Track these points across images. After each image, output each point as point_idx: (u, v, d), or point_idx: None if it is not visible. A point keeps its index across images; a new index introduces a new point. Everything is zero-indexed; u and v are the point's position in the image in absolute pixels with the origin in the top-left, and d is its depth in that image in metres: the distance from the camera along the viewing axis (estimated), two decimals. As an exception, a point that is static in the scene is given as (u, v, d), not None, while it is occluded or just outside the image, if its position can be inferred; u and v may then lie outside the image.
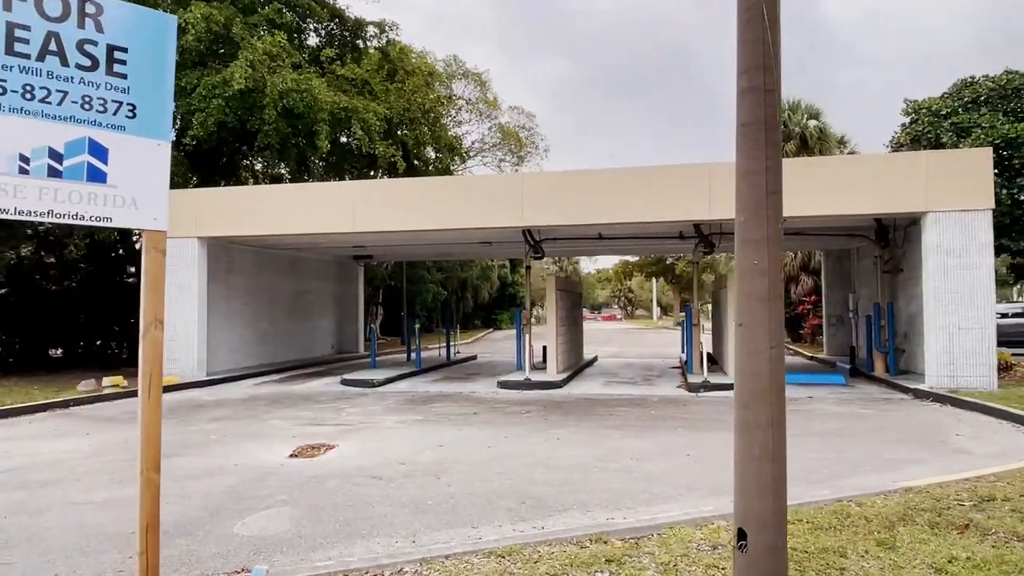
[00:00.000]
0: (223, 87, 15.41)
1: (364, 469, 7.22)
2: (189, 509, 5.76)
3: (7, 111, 2.73)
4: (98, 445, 8.71)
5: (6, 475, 7.11)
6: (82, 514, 5.67)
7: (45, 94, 2.82)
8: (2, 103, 2.71)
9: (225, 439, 9.10)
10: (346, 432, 9.53)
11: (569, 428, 9.66)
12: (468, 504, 5.80)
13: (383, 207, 15.00)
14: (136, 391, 13.06)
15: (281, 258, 20.33)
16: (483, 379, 16.38)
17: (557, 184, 14.42)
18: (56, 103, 2.84)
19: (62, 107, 2.86)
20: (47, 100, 2.81)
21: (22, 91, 2.76)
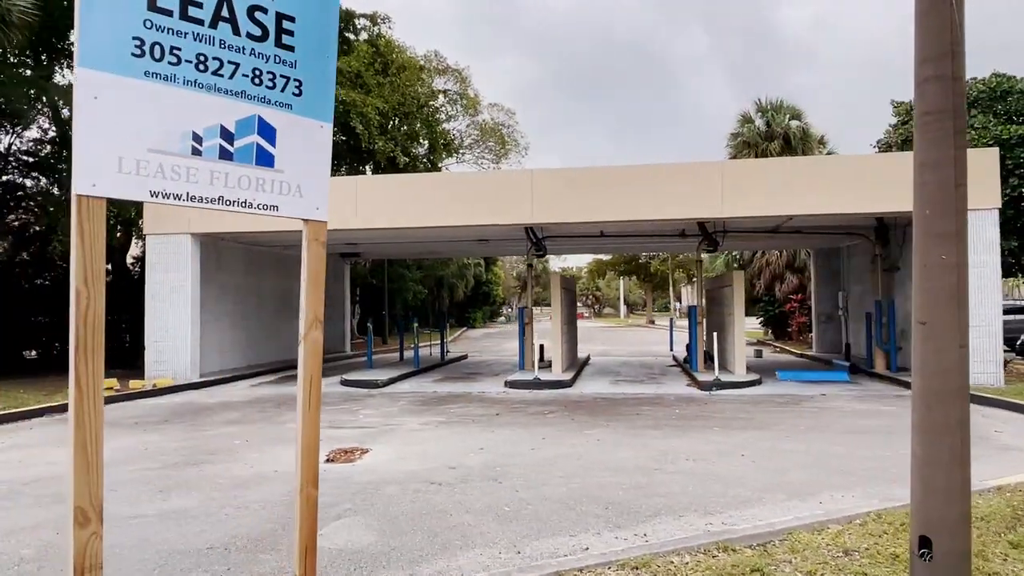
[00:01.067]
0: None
1: (416, 474, 6.93)
2: (259, 522, 5.41)
3: (181, 83, 2.41)
4: (118, 453, 8.22)
5: (35, 487, 6.63)
6: (142, 529, 5.27)
7: (217, 66, 2.50)
8: (176, 74, 2.39)
9: (251, 444, 8.69)
10: (372, 435, 9.19)
11: (603, 428, 9.48)
12: (549, 510, 5.57)
13: (384, 203, 14.62)
14: (131, 392, 12.48)
15: (268, 256, 19.74)
16: (486, 379, 16.11)
17: (568, 181, 14.22)
18: (228, 76, 2.52)
19: (233, 81, 2.54)
20: (219, 72, 2.50)
21: (196, 61, 2.44)
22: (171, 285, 15.01)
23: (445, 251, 24.65)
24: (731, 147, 27.51)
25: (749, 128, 27.66)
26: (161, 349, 15.01)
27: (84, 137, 2.19)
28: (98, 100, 2.21)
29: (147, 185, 2.34)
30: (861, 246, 18.73)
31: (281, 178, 2.72)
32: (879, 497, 5.74)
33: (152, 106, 2.32)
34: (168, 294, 15.00)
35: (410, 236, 16.87)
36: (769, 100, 27.54)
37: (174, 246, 15.02)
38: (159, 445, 8.66)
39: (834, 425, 9.48)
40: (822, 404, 11.50)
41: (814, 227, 16.04)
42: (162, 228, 15.06)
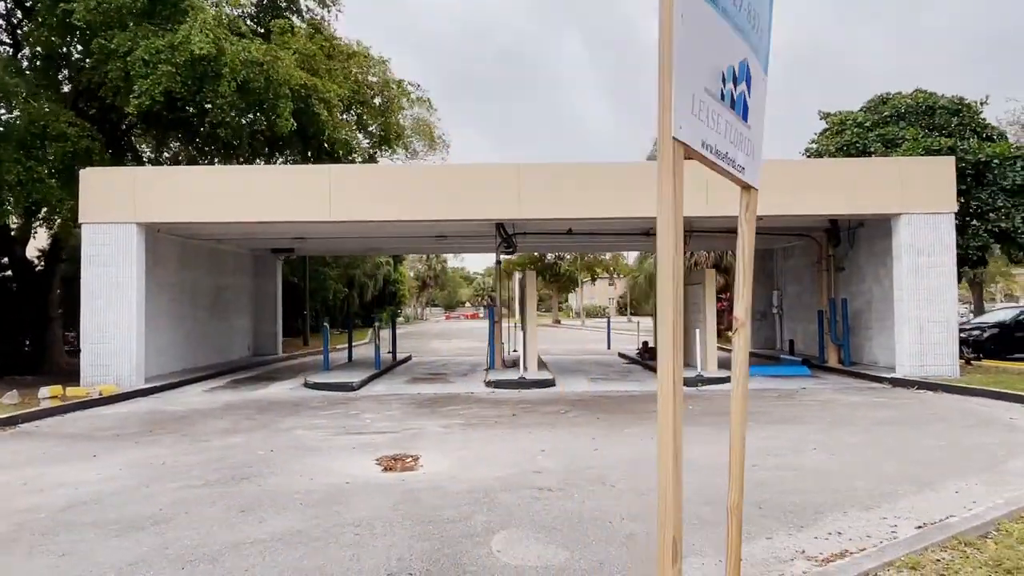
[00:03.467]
0: (171, 52, 13.37)
1: (507, 480, 6.48)
2: (404, 540, 4.80)
3: (723, 13, 1.97)
4: (137, 469, 7.15)
5: (84, 514, 5.59)
6: (276, 556, 4.53)
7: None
8: (725, 4, 1.95)
9: (277, 455, 7.83)
10: (403, 441, 8.56)
11: (640, 427, 9.35)
12: (706, 513, 5.33)
13: (360, 195, 13.78)
14: (80, 401, 11.12)
15: (202, 250, 18.17)
16: (458, 379, 15.59)
17: (555, 176, 13.99)
18: (739, 8, 2.10)
19: (740, 15, 2.12)
20: (737, 4, 2.08)
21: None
22: (113, 281, 13.42)
23: (390, 248, 23.74)
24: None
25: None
26: (101, 352, 13.38)
27: (677, 67, 1.73)
28: (684, 20, 1.75)
29: (699, 132, 1.90)
30: (799, 247, 19.78)
31: (748, 135, 2.32)
32: (998, 484, 5.94)
33: (709, 39, 1.89)
34: (110, 291, 13.40)
35: (371, 231, 16.05)
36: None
37: (117, 237, 13.44)
38: (174, 460, 7.63)
39: (852, 418, 9.83)
40: (814, 397, 11.95)
41: (772, 228, 16.70)
42: (103, 216, 13.44)
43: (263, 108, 15.24)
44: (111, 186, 13.61)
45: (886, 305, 15.26)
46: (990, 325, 19.39)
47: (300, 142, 17.03)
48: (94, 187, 13.53)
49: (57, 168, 14.53)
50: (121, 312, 13.41)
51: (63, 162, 14.55)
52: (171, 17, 14.91)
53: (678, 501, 2.15)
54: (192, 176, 14.65)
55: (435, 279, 79.59)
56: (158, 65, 13.38)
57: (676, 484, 2.13)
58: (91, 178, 13.65)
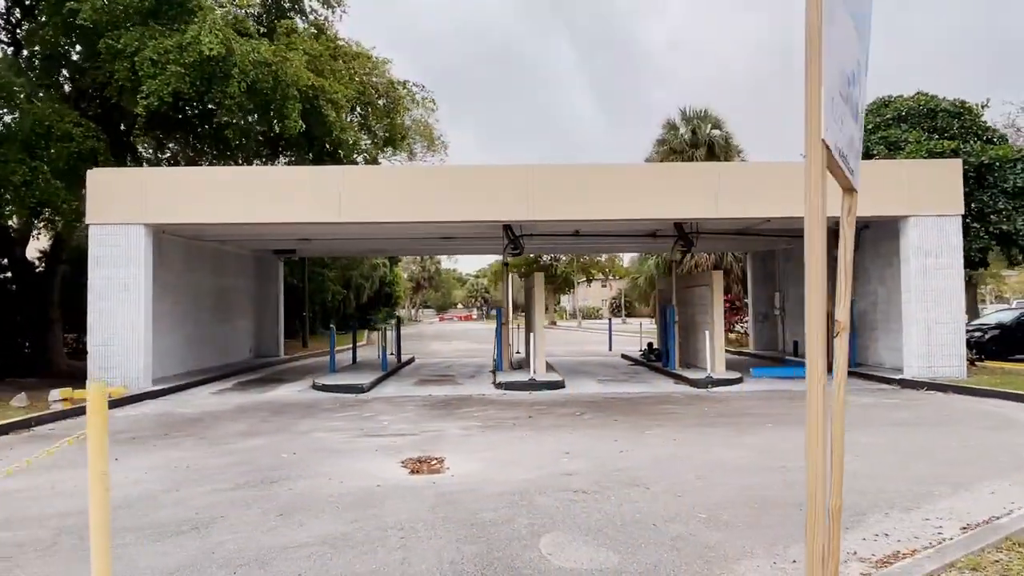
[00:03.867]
0: (180, 52, 13.28)
1: (539, 483, 6.46)
2: (449, 544, 4.77)
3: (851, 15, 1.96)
4: (159, 473, 7.09)
5: (132, 516, 5.51)
6: (325, 561, 4.50)
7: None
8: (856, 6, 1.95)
9: (300, 457, 7.78)
10: (424, 443, 8.53)
11: (661, 428, 9.36)
12: (745, 515, 5.34)
13: (370, 196, 13.73)
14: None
15: (205, 252, 18.05)
16: (467, 380, 15.56)
17: (563, 177, 14.00)
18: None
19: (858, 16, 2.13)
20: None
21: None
22: (121, 282, 13.31)
23: (395, 249, 23.68)
24: (658, 153, 28.37)
25: (674, 135, 28.68)
26: (108, 354, 13.26)
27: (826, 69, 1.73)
28: (831, 21, 1.75)
29: (835, 135, 1.90)
30: (801, 248, 19.80)
31: (857, 137, 2.32)
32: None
33: (842, 41, 1.89)
34: (118, 292, 13.29)
35: (378, 232, 15.99)
36: (693, 109, 28.68)
37: (125, 238, 13.33)
38: (198, 463, 7.57)
39: (869, 420, 9.87)
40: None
41: (778, 229, 16.75)
42: (110, 217, 13.33)
43: (270, 109, 15.16)
44: (119, 187, 13.51)
45: (891, 307, 15.36)
46: (991, 326, 19.55)
47: (306, 143, 16.95)
48: (101, 188, 13.42)
49: (62, 169, 14.40)
50: (129, 314, 13.30)
51: (68, 163, 14.43)
52: (177, 17, 14.82)
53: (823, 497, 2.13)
54: (201, 177, 14.57)
55: (429, 280, 79.50)
56: (167, 65, 13.29)
57: (823, 478, 2.13)
58: (99, 179, 13.54)
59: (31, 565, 4.47)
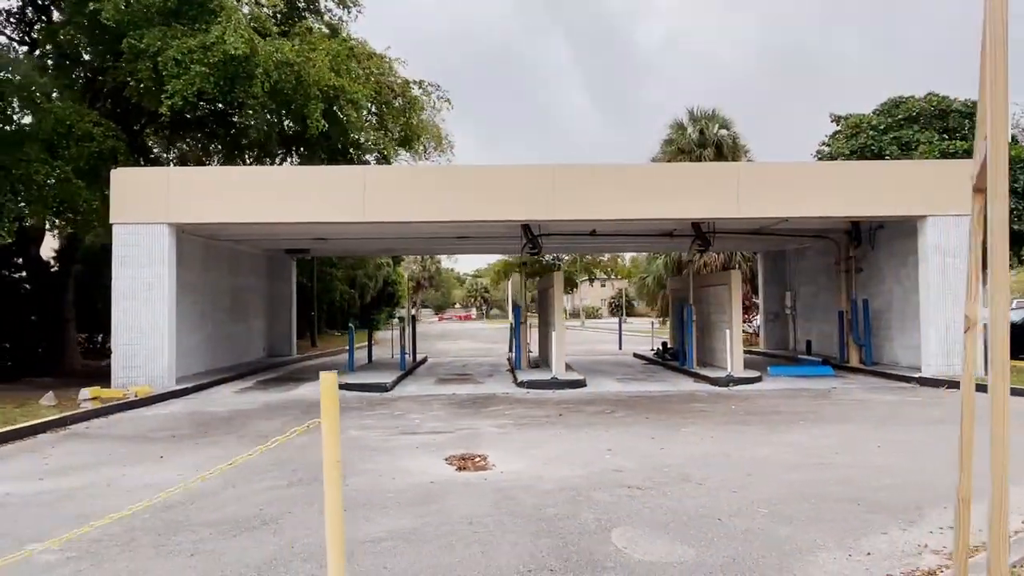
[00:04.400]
0: (204, 52, 13.32)
1: (592, 479, 6.54)
2: (527, 537, 4.85)
3: None
4: (203, 470, 7.13)
5: (174, 514, 5.59)
6: (407, 557, 4.58)
7: None
8: None
9: (346, 454, 7.82)
10: (462, 441, 8.61)
11: (694, 425, 9.45)
12: (806, 509, 5.43)
13: (394, 196, 13.80)
14: (119, 402, 11.11)
15: (221, 251, 18.08)
16: (486, 379, 15.64)
17: (584, 177, 14.08)
18: None
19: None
20: None
21: None
22: (146, 281, 13.35)
23: (409, 248, 23.75)
24: (666, 153, 28.45)
25: (681, 135, 28.78)
26: (132, 353, 13.30)
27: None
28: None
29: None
30: (814, 248, 19.99)
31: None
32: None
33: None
34: (142, 291, 13.33)
35: (396, 231, 16.04)
36: (701, 110, 28.79)
37: (149, 237, 13.37)
38: (246, 460, 7.59)
39: (898, 417, 9.99)
40: (848, 396, 12.13)
41: (794, 229, 16.88)
42: (135, 216, 13.37)
43: (291, 109, 15.21)
44: (143, 186, 13.55)
45: (907, 305, 15.49)
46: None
47: (321, 143, 16.98)
48: (125, 187, 13.46)
49: (82, 168, 14.42)
50: (153, 313, 13.35)
51: (88, 162, 14.46)
52: (198, 17, 14.85)
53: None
54: (225, 176, 14.63)
55: (429, 280, 79.52)
56: (191, 65, 13.33)
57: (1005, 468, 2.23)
58: (122, 178, 13.58)
59: (118, 559, 4.53)
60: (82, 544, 4.78)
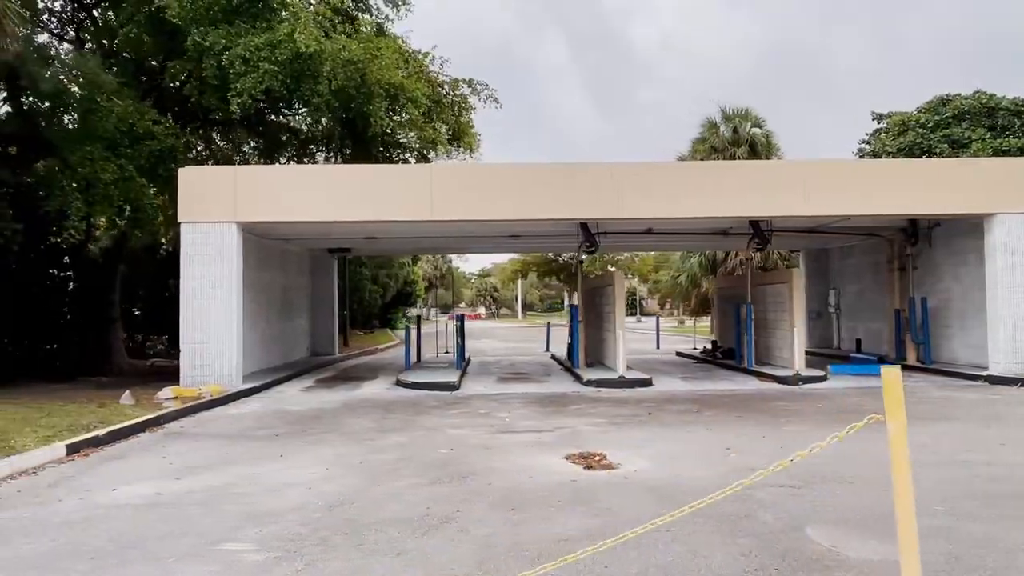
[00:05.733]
0: (271, 50, 13.27)
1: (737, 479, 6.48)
2: (720, 536, 4.80)
3: None
4: (334, 468, 7.09)
5: (344, 514, 5.52)
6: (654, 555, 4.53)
7: None
8: None
9: (463, 452, 7.80)
10: (567, 439, 8.57)
11: (792, 425, 9.42)
12: (984, 507, 5.40)
13: (460, 194, 13.74)
14: (199, 401, 11.02)
15: (273, 250, 18.03)
16: (544, 378, 15.60)
17: (646, 174, 14.04)
18: None
19: None
20: None
21: None
22: (213, 280, 13.30)
23: (456, 247, 23.69)
24: (699, 152, 28.39)
25: (714, 134, 28.74)
26: (201, 352, 13.25)
27: None
28: None
29: None
30: (860, 246, 19.94)
31: None
32: None
33: None
34: (210, 290, 13.28)
35: (447, 230, 15.90)
36: (734, 108, 28.73)
37: (217, 236, 13.32)
38: (363, 459, 7.57)
39: (1000, 416, 9.96)
40: (926, 394, 12.12)
41: (849, 227, 16.80)
42: (202, 215, 13.31)
43: (350, 108, 15.16)
44: (210, 184, 13.52)
45: (967, 304, 15.45)
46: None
47: (370, 142, 16.84)
48: (193, 185, 13.42)
49: (143, 167, 14.38)
50: (221, 312, 13.30)
51: (148, 161, 14.42)
52: (259, 15, 14.82)
53: None
54: (290, 175, 14.65)
55: (441, 280, 79.41)
56: (259, 63, 13.28)
57: None
58: (189, 177, 13.54)
59: (328, 559, 4.47)
60: (278, 543, 4.74)
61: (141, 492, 6.15)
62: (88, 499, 5.93)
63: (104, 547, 4.68)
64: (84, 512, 5.55)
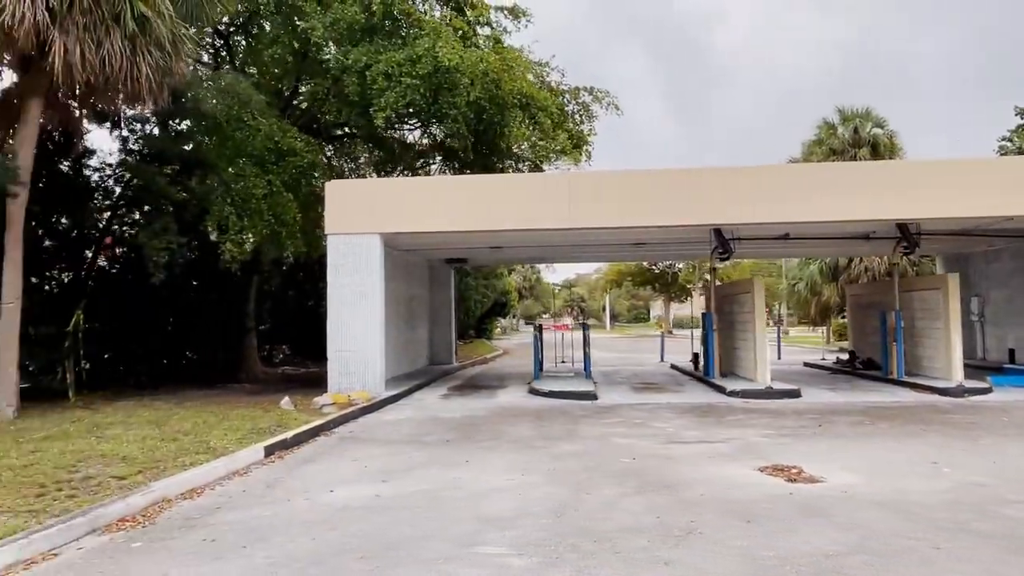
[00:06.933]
0: (412, 65, 13.60)
1: (966, 495, 6.05)
2: (1002, 555, 4.45)
3: None
4: (533, 475, 7.05)
5: (599, 524, 5.45)
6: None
7: None
8: None
9: (645, 463, 7.63)
10: (743, 451, 8.27)
11: (989, 438, 8.79)
12: None
13: (595, 202, 13.61)
14: (354, 407, 11.03)
15: (399, 261, 18.41)
16: (679, 388, 15.25)
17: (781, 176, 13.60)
18: None
19: None
20: None
21: None
22: (358, 290, 13.65)
23: (573, 256, 23.60)
24: (816, 154, 27.36)
25: (832, 135, 27.66)
26: (347, 360, 13.61)
27: None
28: None
29: None
30: (1011, 249, 18.59)
31: None
32: None
33: None
34: (356, 299, 13.64)
35: (597, 238, 15.73)
36: (853, 109, 27.58)
37: (362, 247, 13.68)
38: (549, 466, 7.50)
39: None
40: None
41: (1008, 228, 15.69)
42: (348, 227, 13.71)
43: (482, 119, 15.33)
44: (355, 197, 13.96)
45: None
46: None
47: (487, 152, 16.97)
48: (338, 199, 13.85)
49: (287, 182, 14.95)
50: (366, 321, 13.62)
51: (291, 176, 14.99)
52: (393, 32, 15.24)
53: None
54: (430, 186, 14.92)
55: (530, 290, 79.62)
56: (401, 78, 13.62)
57: None
58: (335, 190, 13.99)
59: (594, 566, 4.39)
60: (532, 548, 4.70)
61: (358, 494, 6.28)
62: (314, 500, 6.09)
63: (363, 546, 4.76)
64: (319, 513, 5.69)
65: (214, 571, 4.34)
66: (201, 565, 4.43)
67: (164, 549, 4.74)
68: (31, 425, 9.81)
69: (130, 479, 6.39)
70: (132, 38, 10.34)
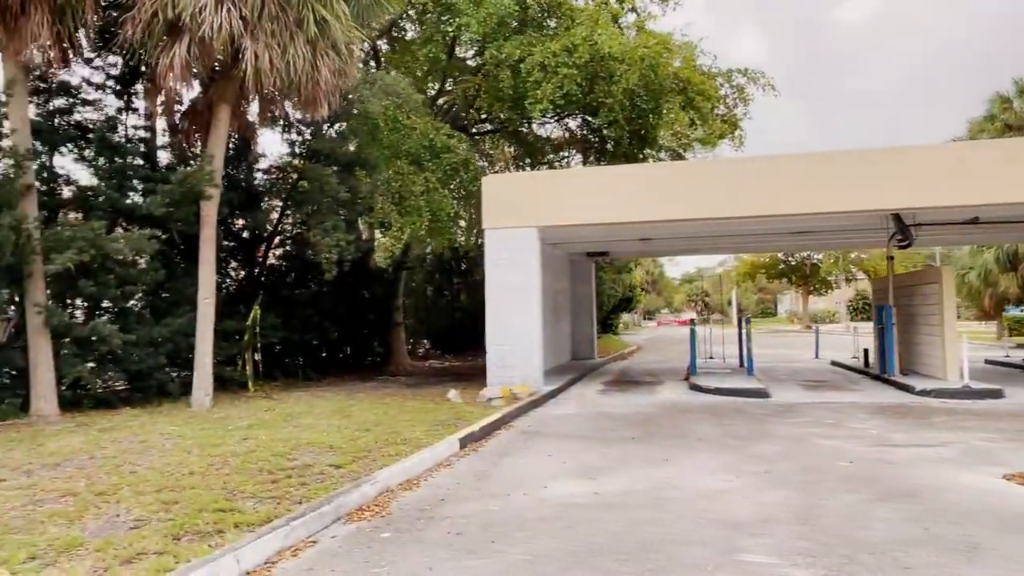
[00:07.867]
0: (568, 55, 13.40)
1: None
2: None
3: None
4: (744, 476, 6.62)
5: (879, 535, 5.00)
6: None
7: None
8: None
9: (860, 467, 6.99)
10: (970, 455, 7.42)
11: None
12: None
13: (758, 189, 12.83)
14: (520, 401, 10.70)
15: (544, 255, 18.26)
16: (852, 385, 14.22)
17: (971, 154, 12.23)
18: None
19: None
20: None
21: None
22: (516, 284, 13.61)
23: (722, 247, 22.87)
24: (988, 131, 24.88)
25: (1005, 109, 25.08)
26: (506, 353, 13.59)
27: None
28: None
29: None
30: None
31: None
32: None
33: None
34: (513, 294, 13.61)
35: (757, 227, 14.93)
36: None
37: (520, 241, 13.61)
38: (761, 467, 7.04)
39: None
40: None
41: None
42: (506, 221, 13.69)
43: (636, 106, 14.91)
44: (512, 191, 13.91)
45: None
46: None
47: (638, 142, 16.48)
48: (496, 194, 13.84)
49: (440, 179, 15.14)
50: (525, 315, 13.56)
51: (444, 173, 15.17)
52: (543, 24, 15.08)
53: None
54: (588, 178, 14.63)
55: (652, 285, 78.05)
56: (558, 68, 13.43)
57: None
58: (493, 185, 14.01)
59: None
60: (802, 560, 4.32)
61: (575, 491, 6.11)
62: (532, 495, 5.97)
63: (616, 546, 4.56)
64: (546, 509, 5.55)
65: (478, 566, 4.25)
66: (460, 559, 4.36)
67: (415, 541, 4.72)
68: (229, 413, 10.39)
69: (347, 468, 6.52)
70: (313, 42, 10.70)
